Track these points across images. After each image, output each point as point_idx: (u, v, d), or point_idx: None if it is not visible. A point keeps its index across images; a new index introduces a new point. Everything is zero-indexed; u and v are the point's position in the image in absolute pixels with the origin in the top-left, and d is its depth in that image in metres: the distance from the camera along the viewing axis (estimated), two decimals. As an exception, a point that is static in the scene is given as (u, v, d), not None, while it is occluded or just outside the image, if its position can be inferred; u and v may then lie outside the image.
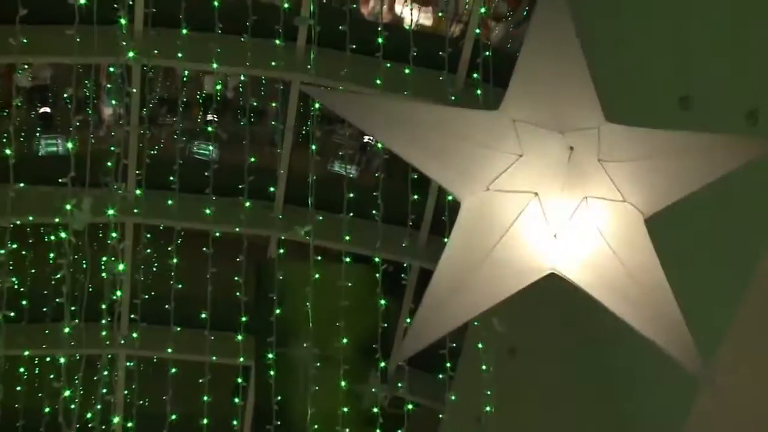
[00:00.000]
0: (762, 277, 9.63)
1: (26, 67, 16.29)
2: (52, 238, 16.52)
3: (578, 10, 5.46)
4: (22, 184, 15.22)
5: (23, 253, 17.32)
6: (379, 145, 15.28)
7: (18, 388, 18.27)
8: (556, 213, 5.11)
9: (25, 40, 13.64)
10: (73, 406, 16.24)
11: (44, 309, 16.90)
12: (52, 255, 16.23)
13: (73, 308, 15.51)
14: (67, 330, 15.23)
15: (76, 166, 13.76)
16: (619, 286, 5.29)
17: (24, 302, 17.32)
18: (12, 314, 16.58)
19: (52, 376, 17.49)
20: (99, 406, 16.63)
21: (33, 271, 17.17)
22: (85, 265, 15.77)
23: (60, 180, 13.55)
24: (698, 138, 5.41)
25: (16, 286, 17.42)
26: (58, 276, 14.87)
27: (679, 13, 10.74)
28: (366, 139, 17.29)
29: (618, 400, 12.22)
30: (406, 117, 5.48)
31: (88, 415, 17.52)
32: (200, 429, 17.48)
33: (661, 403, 11.32)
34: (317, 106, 14.92)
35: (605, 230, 5.21)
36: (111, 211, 14.09)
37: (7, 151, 14.12)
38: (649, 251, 5.25)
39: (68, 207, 13.51)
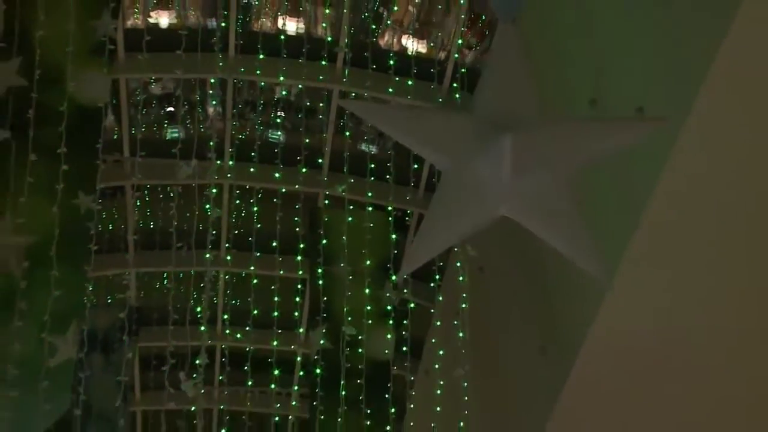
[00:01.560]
0: (656, 201, 9.53)
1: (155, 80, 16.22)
2: (171, 194, 16.63)
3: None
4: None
5: (157, 204, 17.41)
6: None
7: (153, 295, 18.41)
8: (504, 177, 5.10)
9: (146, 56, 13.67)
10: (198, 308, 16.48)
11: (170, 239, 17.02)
12: (174, 204, 16.32)
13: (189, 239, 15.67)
14: (182, 258, 15.36)
15: (189, 146, 13.84)
16: (546, 221, 5.30)
17: (157, 236, 17.40)
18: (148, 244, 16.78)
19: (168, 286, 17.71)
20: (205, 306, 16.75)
21: (161, 214, 17.23)
22: (196, 211, 15.94)
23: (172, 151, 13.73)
24: (604, 122, 5.43)
25: (151, 226, 17.57)
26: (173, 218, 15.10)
27: (589, 30, 10.59)
28: (382, 128, 17.43)
29: (551, 303, 12.17)
30: (404, 117, 5.55)
31: (198, 309, 17.65)
32: (273, 320, 17.58)
33: (580, 304, 11.25)
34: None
35: (538, 184, 5.21)
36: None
37: (134, 131, 14.26)
38: (568, 196, 5.24)
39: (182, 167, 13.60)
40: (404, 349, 15.58)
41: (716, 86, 8.50)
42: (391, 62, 14.91)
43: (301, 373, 19.35)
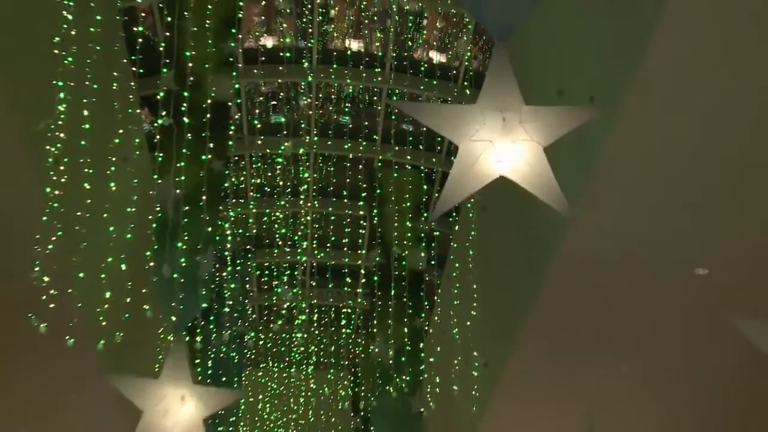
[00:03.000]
0: (608, 158, 9.41)
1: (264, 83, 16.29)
2: (276, 160, 16.74)
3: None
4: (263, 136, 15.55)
5: (266, 167, 17.51)
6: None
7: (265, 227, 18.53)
8: (500, 148, 5.14)
9: (263, 72, 13.73)
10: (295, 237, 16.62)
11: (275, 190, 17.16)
12: (278, 167, 16.46)
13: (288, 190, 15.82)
14: (283, 203, 15.47)
15: (287, 127, 13.96)
16: (526, 175, 5.34)
17: (267, 188, 17.56)
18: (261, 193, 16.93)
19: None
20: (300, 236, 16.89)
21: (269, 174, 17.36)
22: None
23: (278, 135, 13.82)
24: (563, 109, 5.44)
25: (263, 181, 17.68)
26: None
27: (556, 38, 10.46)
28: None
29: (533, 229, 12.16)
30: (430, 110, 5.62)
31: (296, 239, 17.79)
32: (344, 244, 17.73)
33: (553, 230, 11.25)
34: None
35: (523, 154, 5.25)
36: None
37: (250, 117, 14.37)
38: (543, 160, 5.28)
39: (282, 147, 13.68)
40: (432, 262, 15.70)
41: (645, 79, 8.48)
42: (422, 68, 14.90)
43: (364, 279, 19.51)
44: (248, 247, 17.76)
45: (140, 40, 11.12)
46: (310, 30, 14.75)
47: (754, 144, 9.13)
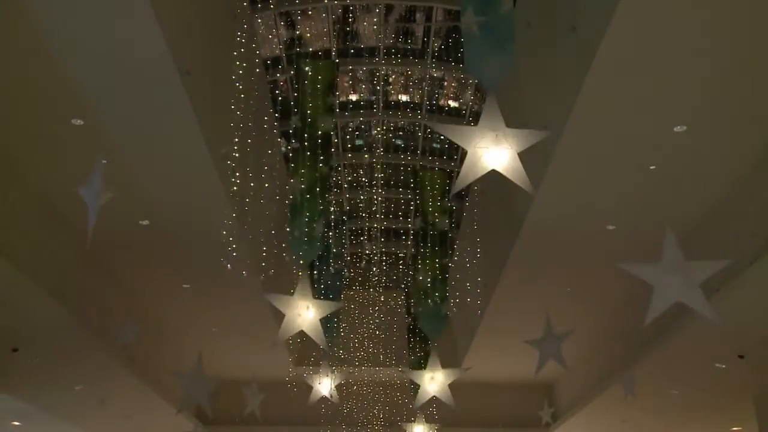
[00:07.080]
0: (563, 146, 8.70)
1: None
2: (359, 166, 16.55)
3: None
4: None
5: (354, 170, 17.33)
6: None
7: (353, 207, 18.35)
8: (491, 153, 5.08)
9: (350, 114, 13.53)
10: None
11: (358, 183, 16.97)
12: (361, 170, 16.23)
13: (365, 183, 15.53)
14: (362, 191, 15.07)
15: (367, 147, 13.76)
16: (507, 168, 5.24)
17: (353, 183, 17.43)
18: (351, 185, 16.73)
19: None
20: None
21: (354, 174, 17.20)
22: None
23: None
24: (528, 131, 5.34)
25: (351, 181, 17.46)
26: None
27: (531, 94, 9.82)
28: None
29: (512, 197, 11.60)
30: (452, 129, 5.55)
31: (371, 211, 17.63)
32: (398, 214, 17.49)
33: (522, 198, 10.80)
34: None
35: (505, 156, 5.17)
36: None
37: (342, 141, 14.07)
38: (517, 160, 5.21)
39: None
40: (453, 225, 15.49)
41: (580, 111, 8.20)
42: (445, 110, 14.80)
43: (412, 235, 19.26)
44: (343, 217, 17.73)
45: (279, 98, 11.30)
46: (378, 88, 14.73)
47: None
